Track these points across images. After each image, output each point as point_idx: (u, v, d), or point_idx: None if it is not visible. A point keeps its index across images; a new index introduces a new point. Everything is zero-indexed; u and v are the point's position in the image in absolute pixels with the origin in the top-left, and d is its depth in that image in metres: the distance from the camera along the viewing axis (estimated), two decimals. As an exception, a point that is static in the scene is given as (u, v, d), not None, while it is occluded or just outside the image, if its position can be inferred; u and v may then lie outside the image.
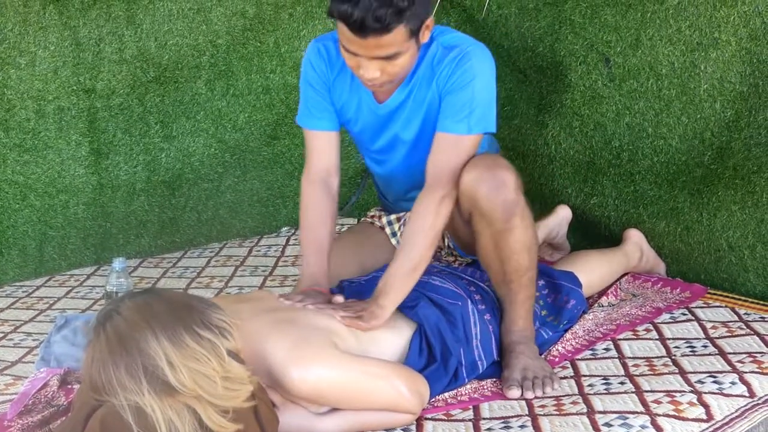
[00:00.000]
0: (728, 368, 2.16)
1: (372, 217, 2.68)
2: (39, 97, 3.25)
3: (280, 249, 3.51)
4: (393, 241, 2.57)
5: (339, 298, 2.17)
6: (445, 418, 2.04)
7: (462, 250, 2.53)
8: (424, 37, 2.17)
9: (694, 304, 2.61)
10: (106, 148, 3.39)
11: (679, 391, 2.04)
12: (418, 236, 2.15)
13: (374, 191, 3.62)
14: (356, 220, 3.64)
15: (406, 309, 2.15)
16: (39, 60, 3.22)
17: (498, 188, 2.15)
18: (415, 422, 2.00)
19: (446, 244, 2.53)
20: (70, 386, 2.20)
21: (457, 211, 2.37)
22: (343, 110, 2.40)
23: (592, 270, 2.68)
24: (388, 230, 2.59)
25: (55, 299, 3.08)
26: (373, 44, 2.06)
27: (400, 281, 2.12)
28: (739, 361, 2.20)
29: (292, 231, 3.73)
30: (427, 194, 2.18)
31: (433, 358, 2.13)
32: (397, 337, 2.12)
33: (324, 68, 2.37)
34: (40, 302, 3.06)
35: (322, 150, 2.40)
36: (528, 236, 2.21)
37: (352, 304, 2.14)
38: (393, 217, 2.61)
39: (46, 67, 3.24)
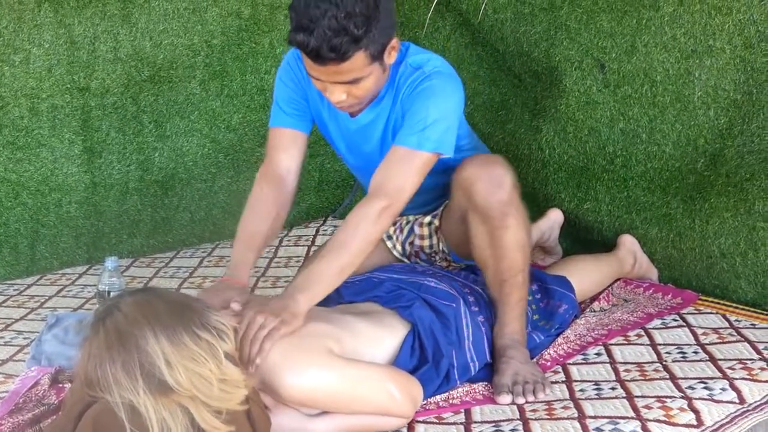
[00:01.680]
0: (719, 374, 2.17)
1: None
2: (33, 95, 3.24)
3: (272, 250, 3.50)
4: (388, 244, 2.57)
5: (236, 305, 1.95)
6: (437, 421, 2.04)
7: (456, 255, 2.53)
8: (390, 58, 2.15)
9: (685, 310, 2.62)
10: (100, 147, 3.39)
11: (670, 397, 2.04)
12: (352, 241, 2.06)
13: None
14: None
15: (401, 309, 2.16)
16: (33, 58, 3.22)
17: (494, 186, 2.17)
18: (406, 425, 2.00)
19: (441, 248, 2.54)
20: (60, 385, 2.20)
21: (451, 210, 2.38)
22: (320, 119, 2.39)
23: (584, 275, 2.68)
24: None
25: (47, 298, 3.07)
26: (332, 71, 2.06)
27: (324, 280, 2.02)
28: (729, 368, 2.20)
29: (285, 232, 3.72)
30: (368, 202, 2.11)
31: (424, 360, 2.13)
32: (392, 337, 2.12)
33: (296, 78, 2.35)
34: (32, 300, 3.05)
35: (286, 146, 2.35)
36: (522, 235, 2.23)
37: (264, 305, 1.94)
38: None
39: (40, 65, 3.23)
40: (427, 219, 2.52)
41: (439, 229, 2.50)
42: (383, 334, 2.11)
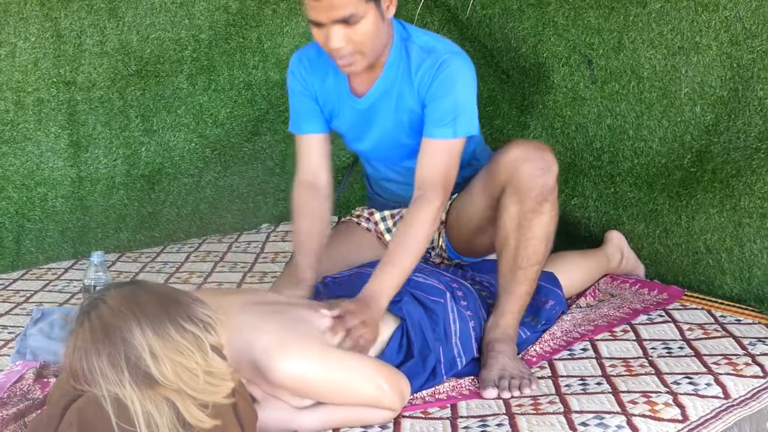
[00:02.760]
0: (704, 370, 2.18)
1: (358, 216, 2.66)
2: (18, 89, 3.23)
3: (260, 245, 3.50)
4: (387, 236, 2.57)
5: (326, 311, 2.08)
6: (423, 416, 2.04)
7: (453, 251, 2.53)
8: (389, 11, 2.22)
9: (671, 306, 2.63)
10: (86, 141, 3.37)
11: (655, 392, 2.05)
12: (413, 246, 2.18)
13: (356, 189, 3.62)
14: (337, 218, 3.64)
15: (390, 304, 2.16)
16: (19, 51, 3.20)
17: (543, 170, 2.21)
18: (392, 420, 2.00)
19: (440, 243, 2.54)
20: (45, 379, 2.19)
21: (473, 196, 2.39)
22: (329, 112, 2.42)
23: (572, 271, 2.69)
24: (382, 226, 2.59)
25: (32, 292, 3.06)
26: (327, 4, 2.10)
27: (395, 282, 2.15)
28: (714, 363, 2.21)
29: (272, 227, 3.72)
30: (423, 202, 2.21)
31: (411, 355, 2.13)
32: (383, 332, 2.12)
33: (305, 73, 2.40)
34: (17, 295, 3.04)
35: (311, 151, 2.44)
36: (551, 227, 2.26)
37: (347, 318, 2.04)
38: (387, 213, 2.61)
39: (26, 58, 3.22)
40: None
41: (443, 224, 2.50)
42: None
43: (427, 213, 2.21)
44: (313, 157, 2.43)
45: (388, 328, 2.14)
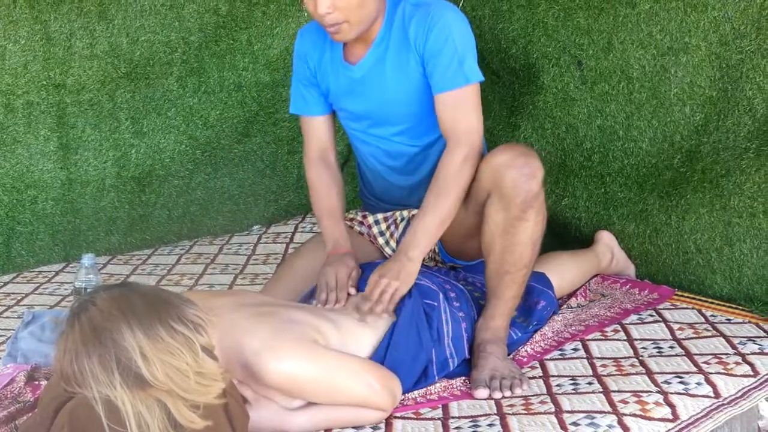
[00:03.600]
0: (694, 369, 2.18)
1: (351, 220, 2.65)
2: (8, 92, 3.22)
3: (251, 247, 3.50)
4: (380, 240, 2.56)
5: (353, 291, 2.24)
6: (414, 416, 2.04)
7: (446, 254, 2.53)
8: None
9: (661, 306, 2.63)
10: (76, 144, 3.37)
11: (646, 391, 2.06)
12: (445, 192, 2.23)
13: (348, 191, 3.61)
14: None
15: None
16: (9, 54, 3.20)
17: (527, 176, 2.19)
18: (384, 421, 2.00)
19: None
20: (36, 382, 2.19)
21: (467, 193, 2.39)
22: (326, 86, 2.46)
23: (563, 271, 2.69)
24: (375, 229, 2.58)
25: (23, 295, 3.05)
26: None
27: (429, 234, 2.22)
28: (705, 362, 2.22)
29: (264, 229, 3.72)
30: (449, 154, 2.27)
31: (402, 355, 2.13)
32: (374, 333, 2.12)
33: (306, 50, 2.46)
34: (8, 298, 3.03)
35: (317, 132, 2.52)
36: (537, 232, 2.25)
37: (379, 274, 2.18)
38: (380, 216, 2.60)
39: (15, 61, 3.22)
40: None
41: None
42: (365, 330, 2.11)
43: (454, 160, 2.25)
44: (322, 135, 2.52)
45: (379, 329, 2.14)
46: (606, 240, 2.88)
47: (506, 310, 2.28)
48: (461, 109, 2.29)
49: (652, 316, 2.57)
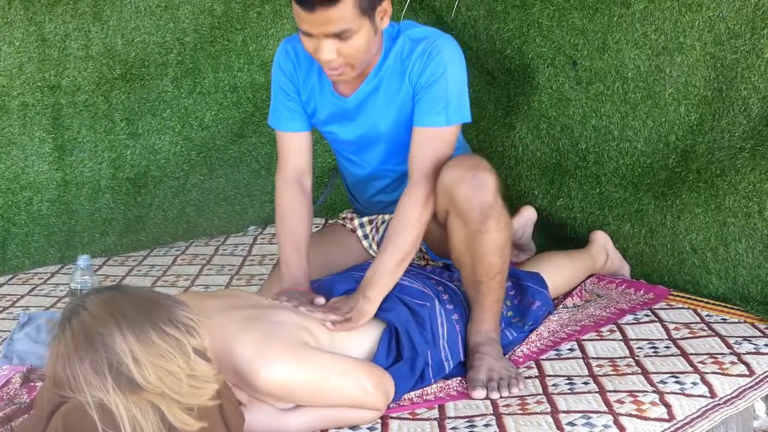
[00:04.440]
0: (690, 369, 2.18)
1: (344, 218, 2.66)
2: (3, 93, 3.22)
3: (247, 248, 3.50)
4: (365, 243, 2.57)
5: (321, 300, 2.19)
6: (411, 417, 2.04)
7: (434, 253, 2.53)
8: (382, 23, 2.19)
9: (657, 306, 2.64)
10: (71, 145, 3.36)
11: (642, 391, 2.06)
12: (406, 229, 2.19)
13: (343, 191, 3.62)
14: (324, 220, 3.64)
15: (378, 311, 2.16)
16: (3, 55, 3.19)
17: (477, 189, 2.16)
18: (380, 421, 2.00)
19: (418, 247, 2.54)
20: (32, 384, 2.18)
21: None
22: (312, 108, 2.40)
23: (558, 271, 2.69)
24: (359, 233, 2.58)
25: (18, 297, 3.05)
26: (321, 19, 2.07)
27: (388, 273, 2.16)
28: (700, 362, 2.22)
29: (259, 230, 3.72)
30: (414, 189, 2.22)
31: (400, 358, 2.13)
32: (368, 336, 2.12)
33: (291, 69, 2.38)
34: (3, 300, 3.03)
35: (295, 150, 2.43)
36: (502, 239, 2.22)
37: (337, 304, 2.15)
38: (365, 219, 2.60)
39: (10, 62, 3.21)
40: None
41: None
42: (358, 333, 2.11)
43: (417, 198, 2.21)
44: (300, 156, 2.42)
45: (372, 332, 2.14)
46: (601, 240, 2.88)
47: (491, 315, 2.27)
48: (434, 148, 2.24)
49: (647, 316, 2.57)
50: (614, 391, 2.07)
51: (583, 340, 2.43)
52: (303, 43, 2.18)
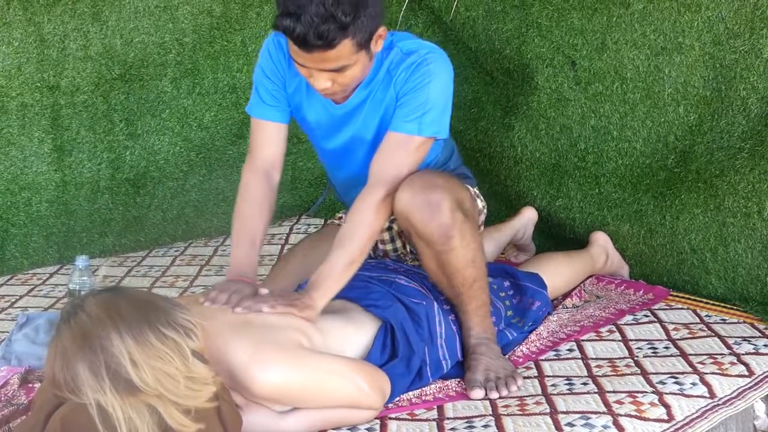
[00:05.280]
0: (689, 369, 2.18)
1: (340, 219, 2.66)
2: (2, 94, 3.22)
3: (246, 249, 3.49)
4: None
5: (264, 290, 2.08)
6: (409, 417, 2.04)
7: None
8: (377, 46, 2.15)
9: (656, 306, 2.64)
10: (70, 146, 3.36)
11: (641, 392, 2.06)
12: (358, 232, 2.11)
13: (341, 192, 3.62)
14: (323, 220, 3.64)
15: (371, 305, 2.16)
16: (2, 56, 3.19)
17: (432, 212, 2.11)
18: (379, 421, 2.00)
19: (409, 250, 2.53)
20: (31, 385, 2.18)
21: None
22: (298, 106, 2.37)
23: (557, 272, 2.69)
24: None
25: (17, 297, 3.05)
26: (318, 58, 2.05)
27: (335, 275, 2.08)
28: (700, 363, 2.22)
29: (258, 231, 3.71)
30: (369, 192, 2.15)
31: (395, 356, 2.13)
32: (362, 334, 2.12)
33: (282, 60, 2.33)
34: (2, 300, 3.03)
35: (269, 141, 2.36)
36: (470, 252, 2.18)
37: (283, 294, 2.08)
38: None
39: (9, 63, 3.21)
40: (386, 224, 2.48)
41: (401, 233, 2.49)
42: (353, 331, 2.11)
43: (371, 202, 2.13)
44: (274, 148, 2.36)
45: (368, 330, 2.13)
46: (601, 241, 2.88)
47: (479, 319, 2.25)
48: (399, 154, 2.17)
49: (647, 316, 2.57)
50: (613, 392, 2.07)
51: (583, 340, 2.43)
52: (295, 67, 2.14)
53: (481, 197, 2.54)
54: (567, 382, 2.17)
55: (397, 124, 2.19)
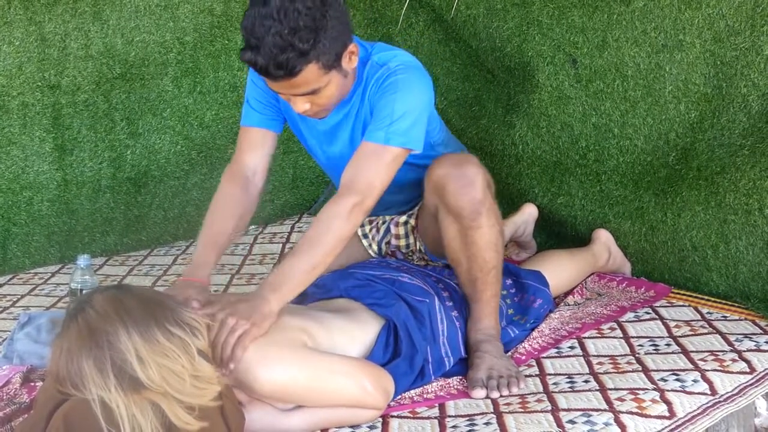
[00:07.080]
0: (691, 366, 2.19)
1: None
2: (3, 93, 3.22)
3: (247, 247, 3.50)
4: (364, 242, 2.56)
5: (195, 304, 1.86)
6: (411, 415, 2.04)
7: (433, 254, 2.53)
8: (351, 62, 2.15)
9: (658, 303, 2.64)
10: (71, 145, 3.36)
11: (643, 389, 2.06)
12: (324, 238, 2.03)
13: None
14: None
15: (374, 304, 2.16)
16: (3, 55, 3.19)
17: (465, 186, 2.17)
18: (381, 419, 2.01)
19: (418, 248, 2.53)
20: (32, 384, 2.18)
21: (425, 210, 2.38)
22: (291, 120, 2.39)
23: (559, 270, 2.69)
24: (359, 232, 2.58)
25: (19, 296, 3.05)
26: (287, 85, 2.05)
27: (294, 279, 2.00)
28: (701, 360, 2.22)
29: (260, 229, 3.72)
30: (338, 200, 2.09)
31: (398, 355, 2.13)
32: (365, 333, 2.12)
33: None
34: (3, 300, 3.03)
35: (252, 145, 2.34)
36: (494, 234, 2.23)
37: (240, 301, 1.93)
38: (365, 219, 2.59)
39: (10, 62, 3.21)
40: (403, 218, 2.51)
41: (415, 229, 2.50)
42: (356, 330, 2.11)
43: (340, 209, 2.06)
44: (257, 153, 2.34)
45: (371, 329, 2.13)
46: (603, 239, 2.88)
47: (490, 310, 2.28)
48: (369, 163, 2.12)
49: (648, 313, 2.57)
50: (615, 389, 2.07)
51: (584, 337, 2.43)
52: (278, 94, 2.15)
53: None
54: (568, 379, 2.17)
55: (367, 134, 2.18)
